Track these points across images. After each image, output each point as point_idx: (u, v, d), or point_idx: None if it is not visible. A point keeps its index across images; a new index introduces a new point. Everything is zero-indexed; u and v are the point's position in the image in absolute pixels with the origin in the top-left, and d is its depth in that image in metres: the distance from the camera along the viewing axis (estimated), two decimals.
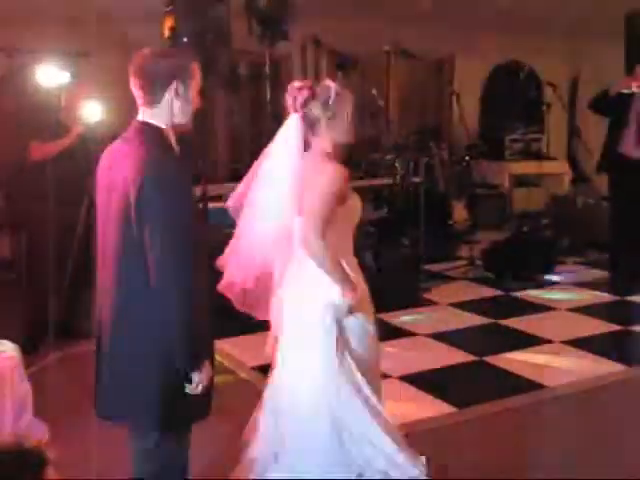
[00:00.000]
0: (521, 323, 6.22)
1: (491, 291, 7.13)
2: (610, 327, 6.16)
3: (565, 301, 6.80)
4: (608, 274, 7.40)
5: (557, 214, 8.97)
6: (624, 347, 5.86)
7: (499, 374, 5.21)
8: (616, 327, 6.17)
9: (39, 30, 6.50)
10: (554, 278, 7.53)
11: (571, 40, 9.74)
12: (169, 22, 6.03)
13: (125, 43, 7.55)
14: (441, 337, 5.88)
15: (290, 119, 3.19)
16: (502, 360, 5.40)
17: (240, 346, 5.48)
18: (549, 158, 9.45)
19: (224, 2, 6.26)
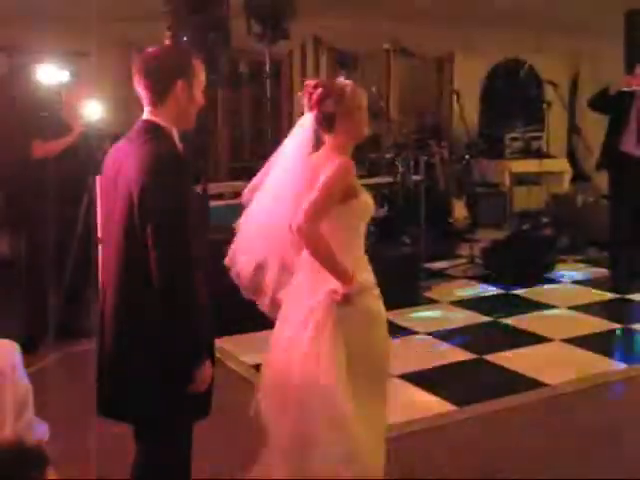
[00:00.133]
0: (521, 321, 6.23)
1: (491, 289, 7.14)
2: (610, 325, 6.17)
3: (565, 299, 6.80)
4: (608, 272, 7.40)
5: (557, 212, 8.97)
6: (624, 345, 5.86)
7: (499, 372, 5.22)
8: (616, 325, 6.18)
9: (39, 30, 6.50)
10: (554, 276, 7.54)
11: (571, 38, 9.73)
12: (168, 21, 6.03)
13: (125, 43, 7.57)
14: (441, 335, 5.89)
15: (304, 118, 3.22)
16: (502, 358, 5.41)
17: (239, 344, 5.49)
18: (549, 156, 9.43)
19: (224, 1, 6.26)
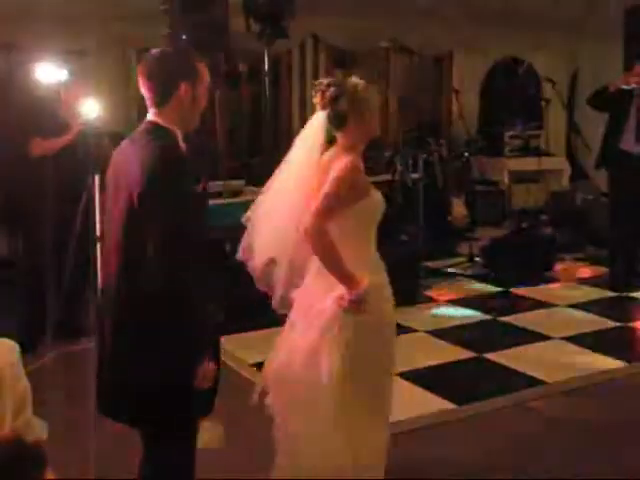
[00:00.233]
0: (521, 319, 6.22)
1: (490, 288, 7.14)
2: (610, 323, 6.16)
3: (564, 297, 6.80)
4: (607, 270, 7.40)
5: (556, 210, 8.97)
6: (624, 343, 5.85)
7: (499, 371, 5.21)
8: (616, 323, 6.16)
9: (38, 28, 6.49)
10: (553, 274, 7.54)
11: (570, 36, 9.73)
12: (166, 20, 6.03)
13: (123, 41, 7.56)
14: (441, 333, 5.88)
15: (316, 116, 3.23)
16: (502, 356, 5.41)
17: (240, 343, 5.48)
18: (548, 154, 9.43)
19: (222, 0, 6.26)
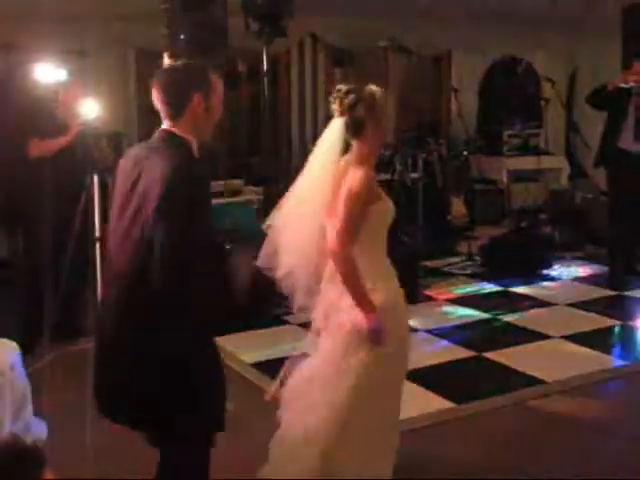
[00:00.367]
0: (520, 318, 6.22)
1: (490, 287, 7.14)
2: (609, 322, 6.16)
3: (564, 296, 6.80)
4: (607, 269, 7.40)
5: (555, 209, 8.96)
6: (623, 342, 5.86)
7: (498, 370, 5.21)
8: (615, 322, 6.17)
9: (37, 28, 6.49)
10: (553, 273, 7.54)
11: (569, 35, 9.73)
12: (165, 20, 6.03)
13: (122, 41, 7.56)
14: (440, 333, 5.88)
15: (333, 122, 3.26)
16: (501, 355, 5.41)
17: (238, 343, 5.49)
18: (547, 153, 9.44)
19: None
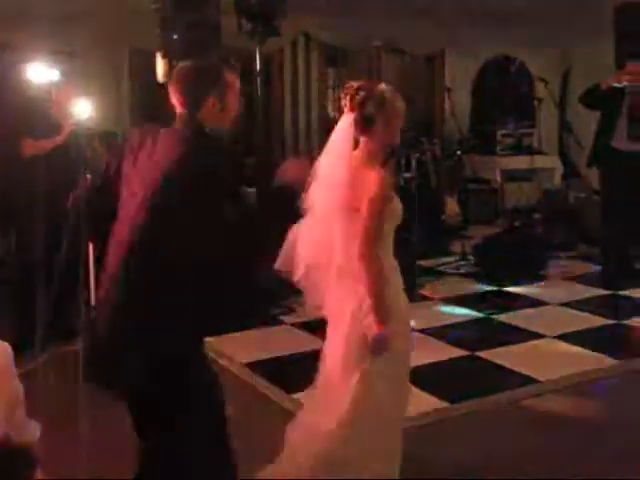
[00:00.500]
0: (513, 318, 6.23)
1: (483, 286, 7.14)
2: (602, 321, 6.17)
3: (557, 295, 6.80)
4: (600, 268, 7.41)
5: (549, 209, 8.97)
6: (617, 341, 5.87)
7: (492, 369, 5.21)
8: (608, 321, 6.17)
9: (29, 29, 6.47)
10: (546, 273, 7.54)
11: (562, 35, 9.73)
12: (158, 20, 6.02)
13: (115, 41, 7.55)
14: (434, 332, 5.87)
15: (343, 119, 3.26)
16: (495, 355, 5.41)
17: (231, 342, 5.47)
18: (540, 153, 9.44)
19: None
